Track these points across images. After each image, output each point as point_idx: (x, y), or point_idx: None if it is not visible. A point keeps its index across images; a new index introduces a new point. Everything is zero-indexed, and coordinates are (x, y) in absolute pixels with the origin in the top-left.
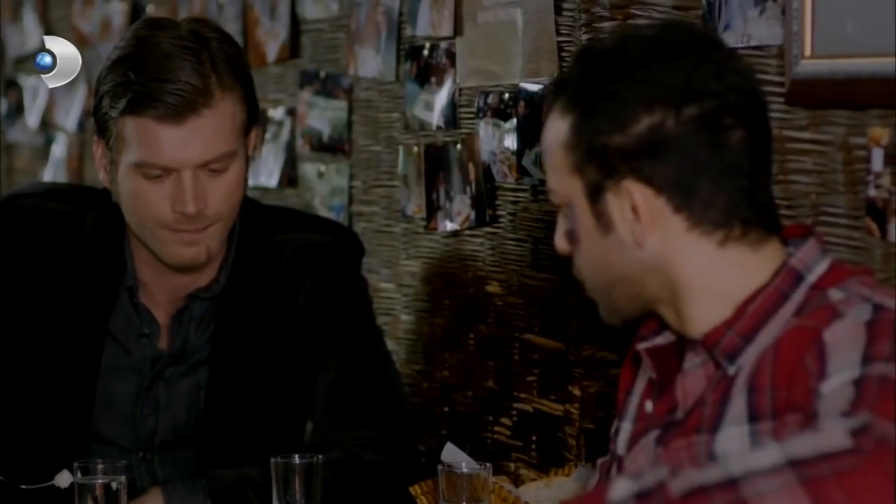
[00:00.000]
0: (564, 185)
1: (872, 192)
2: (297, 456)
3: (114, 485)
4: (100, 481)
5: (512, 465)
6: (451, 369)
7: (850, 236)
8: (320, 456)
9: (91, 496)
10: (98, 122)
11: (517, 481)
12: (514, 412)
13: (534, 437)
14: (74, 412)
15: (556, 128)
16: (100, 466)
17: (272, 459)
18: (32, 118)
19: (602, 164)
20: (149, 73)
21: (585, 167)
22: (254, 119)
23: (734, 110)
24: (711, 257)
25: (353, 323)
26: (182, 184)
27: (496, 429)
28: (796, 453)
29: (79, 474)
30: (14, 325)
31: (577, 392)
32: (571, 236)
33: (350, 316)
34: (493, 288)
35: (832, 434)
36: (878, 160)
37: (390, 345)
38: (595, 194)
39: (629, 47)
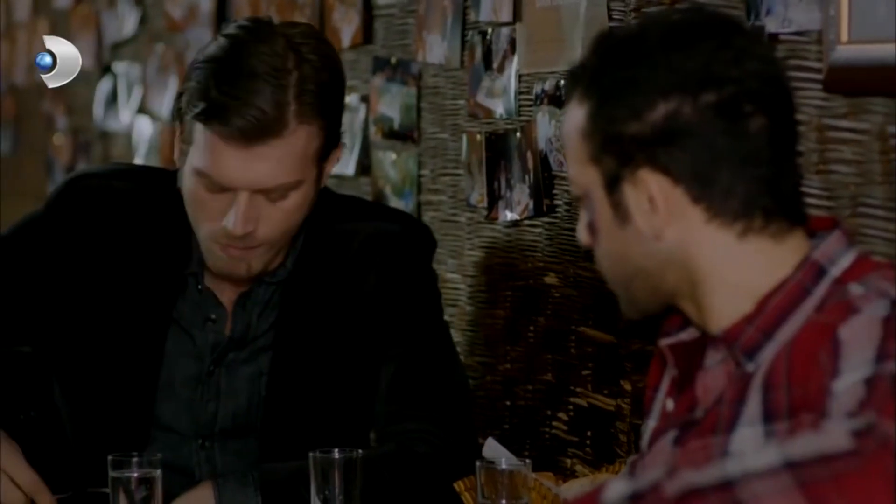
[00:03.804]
0: (582, 174)
1: None
2: (336, 450)
3: (148, 478)
4: (135, 475)
5: (568, 461)
6: (512, 362)
7: (886, 228)
8: (360, 451)
9: (125, 490)
10: (177, 110)
11: (573, 478)
12: (571, 407)
13: (588, 433)
14: (138, 399)
15: (574, 116)
16: (134, 460)
17: (310, 454)
18: (126, 113)
19: (618, 153)
20: (227, 87)
21: (602, 156)
22: (334, 143)
23: (754, 97)
24: (731, 249)
25: (419, 314)
26: (236, 204)
27: (554, 423)
28: (794, 454)
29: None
30: (81, 306)
31: (627, 387)
32: (592, 228)
33: (417, 307)
34: (550, 279)
35: (833, 435)
36: None
37: (455, 336)
38: (612, 184)
39: (647, 33)
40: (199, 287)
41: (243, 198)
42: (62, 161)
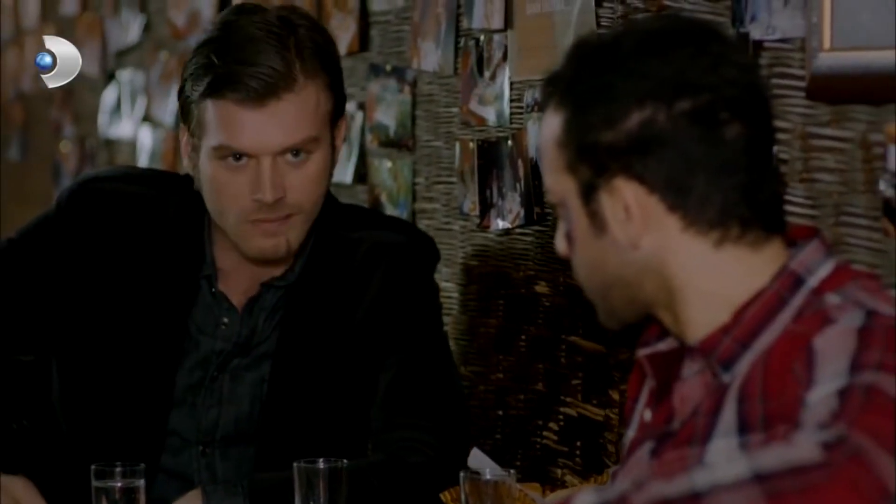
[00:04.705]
0: (559, 184)
1: (889, 192)
2: (321, 460)
3: (132, 488)
4: (118, 485)
5: (559, 471)
6: (504, 371)
7: (869, 237)
8: (345, 461)
9: (108, 499)
10: (182, 107)
11: (561, 488)
12: (561, 416)
13: (578, 443)
14: (152, 409)
15: (550, 125)
16: (118, 469)
17: (295, 464)
18: (129, 121)
19: (593, 162)
20: (231, 56)
21: (577, 165)
22: (341, 109)
23: (730, 104)
24: (707, 258)
25: (418, 324)
26: (261, 171)
27: (544, 433)
28: (763, 466)
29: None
30: (93, 313)
31: (616, 397)
32: (569, 237)
33: (416, 317)
34: (541, 288)
35: (802, 447)
36: (893, 158)
37: (450, 345)
38: (588, 194)
39: (622, 40)
40: (213, 290)
41: (266, 163)
42: (69, 168)
